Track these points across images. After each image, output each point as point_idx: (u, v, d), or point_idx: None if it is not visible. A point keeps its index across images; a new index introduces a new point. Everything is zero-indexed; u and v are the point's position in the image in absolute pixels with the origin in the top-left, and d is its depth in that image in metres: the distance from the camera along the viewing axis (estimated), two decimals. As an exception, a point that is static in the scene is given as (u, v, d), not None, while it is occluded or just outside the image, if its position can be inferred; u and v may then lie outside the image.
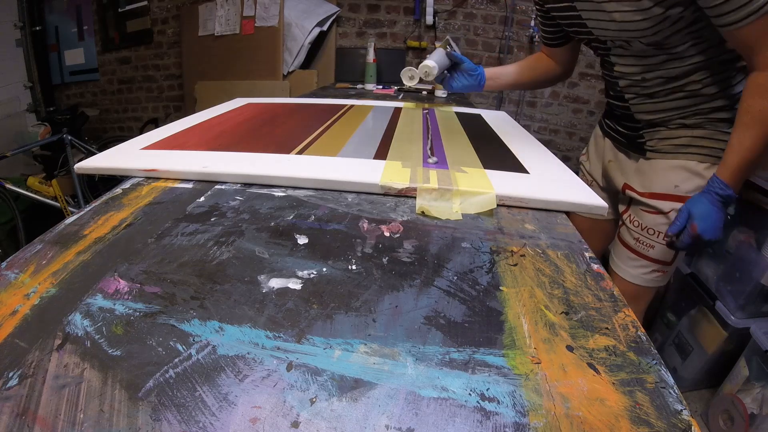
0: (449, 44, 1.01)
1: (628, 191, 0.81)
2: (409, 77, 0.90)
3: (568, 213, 0.48)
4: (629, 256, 0.82)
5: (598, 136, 0.93)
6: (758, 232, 1.06)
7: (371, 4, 2.44)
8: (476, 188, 0.48)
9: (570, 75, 0.96)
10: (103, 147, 2.22)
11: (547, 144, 2.02)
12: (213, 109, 0.94)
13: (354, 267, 0.35)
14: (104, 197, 0.48)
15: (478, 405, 0.23)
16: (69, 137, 2.10)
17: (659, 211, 0.75)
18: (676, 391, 0.24)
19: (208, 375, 0.24)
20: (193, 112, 0.93)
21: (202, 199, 0.47)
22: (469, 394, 0.23)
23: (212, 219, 0.42)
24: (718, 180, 0.63)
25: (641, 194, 0.78)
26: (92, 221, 0.42)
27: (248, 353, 0.25)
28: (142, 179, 0.53)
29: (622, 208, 0.85)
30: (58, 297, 0.30)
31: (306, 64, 2.39)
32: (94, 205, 0.46)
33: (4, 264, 0.34)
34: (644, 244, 0.78)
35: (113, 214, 0.43)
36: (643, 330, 0.29)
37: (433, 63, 0.85)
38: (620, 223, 0.86)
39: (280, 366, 0.25)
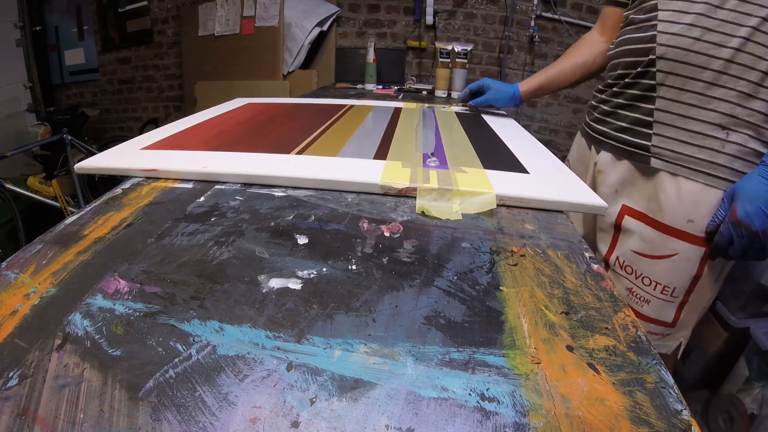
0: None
1: (628, 217, 0.64)
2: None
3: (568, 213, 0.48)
4: None
5: (582, 146, 0.80)
6: (758, 232, 1.05)
7: (371, 4, 2.44)
8: (476, 188, 0.48)
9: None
10: (103, 147, 2.22)
11: (547, 144, 2.02)
12: (213, 109, 0.94)
13: (354, 267, 0.35)
14: (104, 197, 0.48)
15: (478, 405, 0.23)
16: (69, 137, 2.10)
17: (663, 255, 0.57)
18: (676, 391, 0.24)
19: (208, 375, 0.24)
20: (193, 112, 0.93)
21: (202, 199, 0.47)
22: (469, 394, 0.23)
23: (212, 219, 0.42)
24: None
25: (646, 221, 0.61)
26: (92, 221, 0.42)
27: (248, 353, 0.25)
28: (142, 179, 0.53)
29: (603, 245, 0.66)
30: (58, 297, 0.30)
31: (306, 64, 2.39)
32: (94, 205, 0.46)
33: (4, 264, 0.34)
34: (638, 297, 0.60)
35: (113, 214, 0.43)
36: (642, 330, 0.29)
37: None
38: (604, 268, 0.66)
39: (280, 366, 0.25)
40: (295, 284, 0.32)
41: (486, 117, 1.00)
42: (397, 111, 1.00)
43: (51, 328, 0.27)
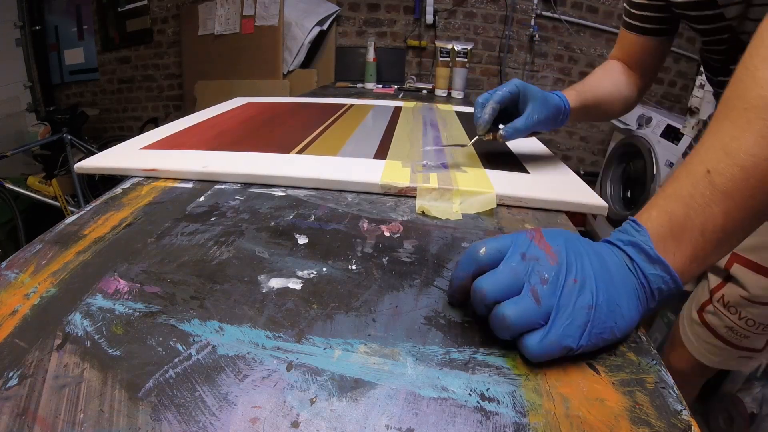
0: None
1: (738, 265, 0.58)
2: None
3: (568, 213, 0.48)
4: (714, 344, 0.61)
5: None
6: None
7: (371, 3, 2.44)
8: (476, 188, 0.48)
9: (648, 89, 0.69)
10: (103, 146, 2.22)
11: (547, 144, 2.02)
12: (213, 109, 0.94)
13: (354, 267, 0.35)
14: (104, 197, 0.48)
15: (478, 405, 0.23)
16: (69, 137, 2.10)
17: None
18: (676, 391, 0.24)
19: (208, 375, 0.24)
20: (193, 111, 0.93)
21: (202, 198, 0.47)
22: (469, 394, 0.23)
23: (212, 219, 0.42)
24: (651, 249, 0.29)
25: (758, 269, 0.55)
26: (92, 221, 0.42)
27: (248, 353, 0.25)
28: (142, 179, 0.53)
29: (713, 282, 0.61)
30: (58, 297, 0.30)
31: (306, 64, 2.39)
32: (93, 204, 0.46)
33: (4, 264, 0.34)
34: (738, 334, 0.58)
35: (113, 213, 0.43)
36: (644, 330, 0.29)
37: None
38: (706, 299, 0.62)
39: (280, 366, 0.25)
40: (295, 284, 0.32)
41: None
42: (397, 110, 1.00)
43: (51, 328, 0.27)
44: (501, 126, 0.53)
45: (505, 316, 0.25)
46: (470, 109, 1.12)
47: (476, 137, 0.56)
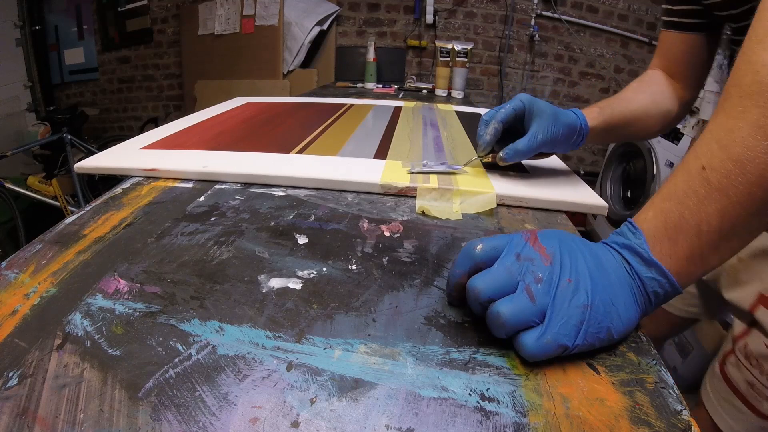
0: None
1: (763, 308, 0.49)
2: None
3: (568, 213, 0.48)
4: (733, 403, 0.52)
5: None
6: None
7: (371, 3, 2.44)
8: (476, 188, 0.48)
9: (693, 101, 0.60)
10: (103, 146, 2.22)
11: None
12: (213, 109, 0.94)
13: (354, 267, 0.35)
14: (104, 197, 0.48)
15: (478, 405, 0.23)
16: (69, 136, 2.10)
17: None
18: (676, 391, 0.24)
19: (208, 375, 0.24)
20: (193, 111, 0.93)
21: (202, 198, 0.47)
22: (469, 394, 0.23)
23: (212, 219, 0.42)
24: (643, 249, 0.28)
25: None
26: (92, 221, 0.42)
27: (248, 353, 0.25)
28: (142, 179, 0.53)
29: (738, 328, 0.52)
30: (58, 297, 0.30)
31: (306, 63, 2.39)
32: (93, 204, 0.46)
33: (4, 264, 0.34)
34: (760, 393, 0.49)
35: (113, 213, 0.43)
36: (643, 331, 0.29)
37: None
38: (729, 348, 0.53)
39: (280, 366, 0.25)
40: (295, 284, 0.32)
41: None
42: (397, 110, 1.00)
43: (51, 328, 0.27)
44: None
45: (500, 314, 0.25)
46: (470, 109, 1.12)
47: (475, 158, 0.54)
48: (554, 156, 0.62)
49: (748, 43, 0.29)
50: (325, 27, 2.35)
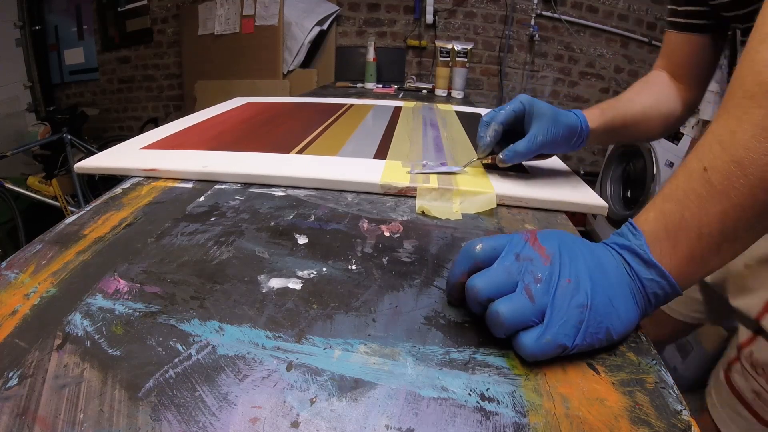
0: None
1: None
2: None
3: (568, 213, 0.48)
4: (739, 412, 0.50)
5: None
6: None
7: (371, 3, 2.44)
8: (476, 188, 0.48)
9: (697, 103, 0.60)
10: (103, 146, 2.22)
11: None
12: (213, 109, 0.94)
13: (354, 267, 0.35)
14: (104, 197, 0.48)
15: (478, 405, 0.23)
16: (69, 137, 2.10)
17: None
18: (676, 391, 0.24)
19: (208, 375, 0.24)
20: (193, 111, 0.93)
21: (202, 198, 0.47)
22: (469, 394, 0.23)
23: (212, 219, 0.42)
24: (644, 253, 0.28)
25: None
26: (92, 221, 0.42)
27: (248, 353, 0.25)
28: (142, 179, 0.53)
29: (743, 335, 0.51)
30: (58, 297, 0.30)
31: (306, 63, 2.39)
32: (93, 204, 0.46)
33: (4, 264, 0.34)
34: (766, 402, 0.48)
35: (113, 213, 0.43)
36: (643, 331, 0.29)
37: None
38: (734, 356, 0.52)
39: (280, 366, 0.25)
40: (295, 284, 0.32)
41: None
42: (397, 110, 1.00)
43: (51, 328, 0.27)
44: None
45: (499, 313, 0.25)
46: (470, 109, 1.12)
47: (475, 159, 0.54)
48: (554, 156, 0.62)
49: (752, 43, 0.29)
50: (325, 27, 2.35)
